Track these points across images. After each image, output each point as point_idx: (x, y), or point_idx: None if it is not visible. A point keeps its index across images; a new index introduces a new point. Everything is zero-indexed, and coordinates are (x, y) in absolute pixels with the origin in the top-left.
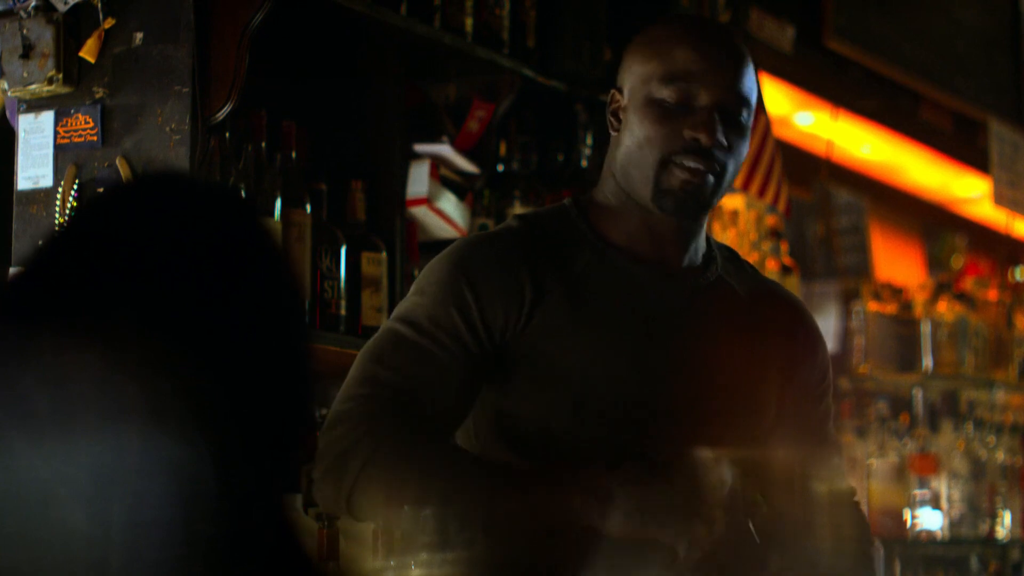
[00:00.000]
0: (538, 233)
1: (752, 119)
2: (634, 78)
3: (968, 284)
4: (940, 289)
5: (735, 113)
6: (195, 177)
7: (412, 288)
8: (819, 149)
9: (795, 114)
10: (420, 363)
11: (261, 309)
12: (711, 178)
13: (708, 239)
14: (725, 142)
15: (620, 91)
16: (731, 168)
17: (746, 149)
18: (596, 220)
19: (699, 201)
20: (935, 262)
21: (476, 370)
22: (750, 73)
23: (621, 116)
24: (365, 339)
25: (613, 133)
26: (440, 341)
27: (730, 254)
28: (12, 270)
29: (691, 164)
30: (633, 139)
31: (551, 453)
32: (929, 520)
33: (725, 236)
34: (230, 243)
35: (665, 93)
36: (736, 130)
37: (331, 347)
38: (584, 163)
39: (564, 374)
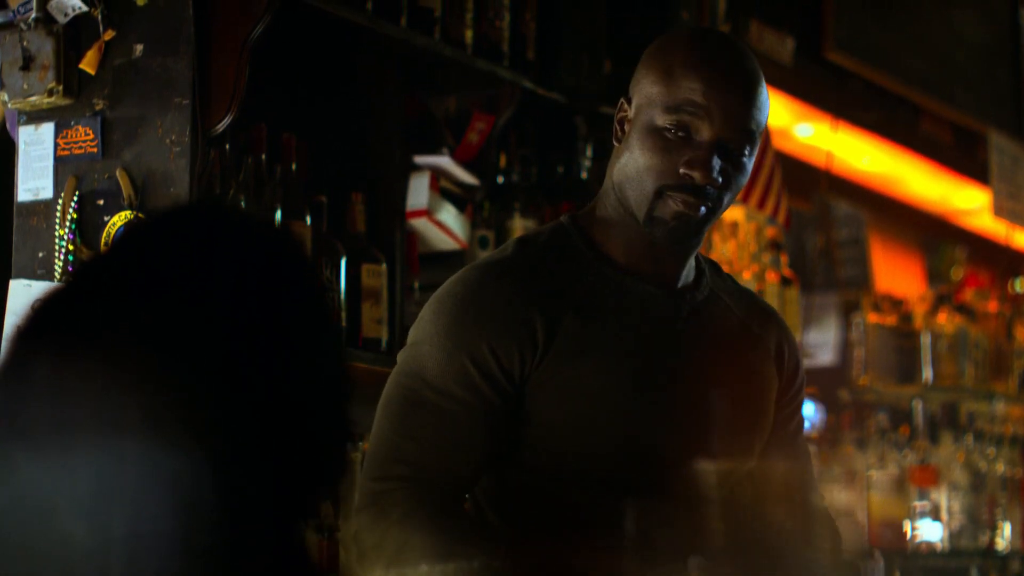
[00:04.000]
0: (538, 258)
1: (756, 151)
2: (641, 96)
3: (968, 296)
4: (940, 301)
5: (736, 149)
6: (217, 202)
7: (418, 331)
8: (819, 161)
9: (795, 126)
10: (442, 428)
11: (273, 325)
12: (703, 210)
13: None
14: (720, 180)
15: (629, 102)
16: (726, 200)
17: (745, 179)
18: (596, 236)
19: (689, 231)
20: (935, 274)
21: (499, 415)
22: (759, 105)
23: (626, 127)
24: (365, 351)
25: (616, 143)
26: (459, 398)
27: (713, 267)
28: (16, 282)
29: (684, 198)
30: (632, 162)
31: (565, 477)
32: (929, 532)
33: (725, 248)
34: (239, 261)
35: (667, 122)
36: (735, 165)
37: None
38: (584, 175)
39: (578, 396)
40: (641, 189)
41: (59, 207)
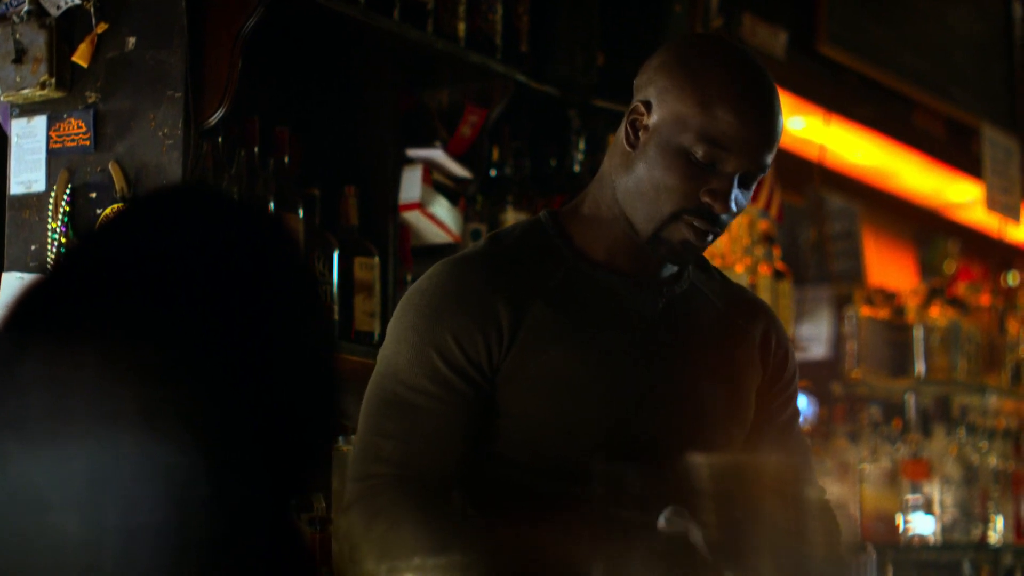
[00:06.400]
0: (509, 251)
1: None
2: (667, 111)
3: (961, 289)
4: (933, 294)
5: (752, 178)
6: (203, 186)
7: (392, 331)
8: (812, 154)
9: (788, 119)
10: (418, 424)
11: (264, 315)
12: (711, 237)
13: None
14: (735, 209)
15: (647, 107)
16: (731, 222)
17: (747, 201)
18: (573, 232)
19: (692, 256)
20: (928, 267)
21: (473, 407)
22: (779, 137)
23: (642, 135)
24: (358, 344)
25: (627, 148)
26: (431, 393)
27: (701, 262)
28: (9, 275)
29: (698, 224)
30: (650, 177)
31: (538, 468)
32: (922, 525)
33: (717, 241)
34: (231, 251)
35: (697, 151)
36: (746, 191)
37: None
38: (577, 168)
39: (549, 386)
40: (656, 207)
41: (52, 200)
